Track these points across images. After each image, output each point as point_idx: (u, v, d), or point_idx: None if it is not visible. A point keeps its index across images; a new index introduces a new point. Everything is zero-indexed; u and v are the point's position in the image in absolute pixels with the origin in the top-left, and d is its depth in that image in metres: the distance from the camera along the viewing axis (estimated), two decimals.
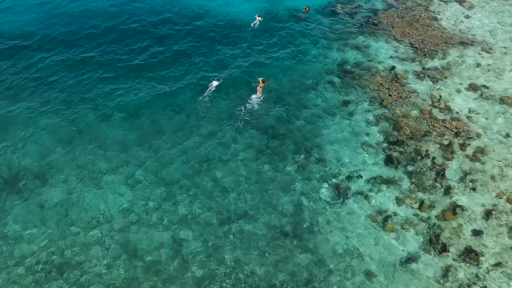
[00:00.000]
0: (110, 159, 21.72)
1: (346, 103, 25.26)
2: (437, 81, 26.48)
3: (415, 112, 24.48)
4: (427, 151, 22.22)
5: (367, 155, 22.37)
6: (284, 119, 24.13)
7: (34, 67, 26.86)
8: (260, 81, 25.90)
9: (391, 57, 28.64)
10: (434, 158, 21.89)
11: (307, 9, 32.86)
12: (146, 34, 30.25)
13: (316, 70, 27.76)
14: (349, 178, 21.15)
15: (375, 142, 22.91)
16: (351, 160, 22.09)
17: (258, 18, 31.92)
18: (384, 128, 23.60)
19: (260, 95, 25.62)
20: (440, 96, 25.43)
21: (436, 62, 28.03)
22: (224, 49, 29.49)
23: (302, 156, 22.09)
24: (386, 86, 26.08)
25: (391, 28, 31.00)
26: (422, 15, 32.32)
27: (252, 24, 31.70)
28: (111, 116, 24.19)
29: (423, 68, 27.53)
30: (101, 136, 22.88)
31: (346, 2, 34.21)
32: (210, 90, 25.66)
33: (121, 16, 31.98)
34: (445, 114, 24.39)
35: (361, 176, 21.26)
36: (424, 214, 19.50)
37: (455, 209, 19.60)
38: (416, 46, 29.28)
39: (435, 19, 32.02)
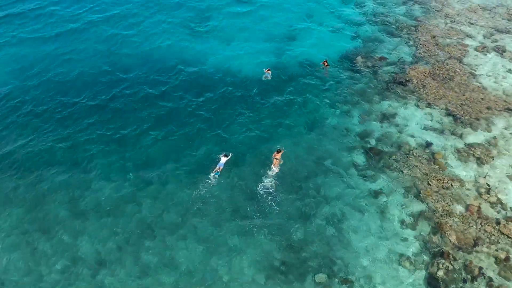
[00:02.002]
0: (82, 277, 17.96)
1: (374, 193, 21.43)
2: (483, 163, 22.60)
3: (460, 209, 20.54)
4: (480, 268, 18.22)
5: (404, 271, 18.49)
6: (301, 218, 20.39)
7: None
8: (277, 153, 22.87)
9: (424, 128, 24.80)
10: (490, 279, 17.85)
11: (326, 64, 28.93)
12: (140, 103, 26.70)
13: (336, 146, 23.97)
14: None
15: (414, 253, 19.01)
16: (384, 280, 18.19)
17: (267, 72, 28.31)
18: (423, 232, 19.72)
19: (276, 169, 22.40)
20: (489, 185, 21.47)
21: (479, 136, 24.16)
22: (231, 115, 25.94)
23: (324, 275, 18.19)
24: (423, 171, 22.21)
25: (422, 89, 27.21)
26: (457, 70, 28.53)
27: (263, 77, 28.10)
28: (86, 214, 20.45)
29: (465, 144, 23.67)
30: (72, 242, 19.18)
31: (368, 53, 30.45)
32: (218, 169, 22.03)
33: (114, 76, 28.43)
34: (497, 212, 20.44)
35: None
36: None
37: None
38: (454, 113, 25.45)
39: (473, 75, 28.21)
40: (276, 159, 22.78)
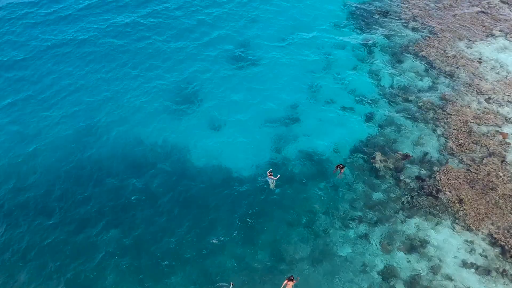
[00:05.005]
0: None
1: None
2: None
3: None
4: None
5: None
6: None
7: None
8: (288, 282, 19.19)
9: (464, 265, 20.28)
10: None
11: (340, 168, 24.16)
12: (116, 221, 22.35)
13: None
14: None
15: None
16: None
17: (270, 176, 23.67)
18: None
19: None
20: None
21: None
22: (214, 245, 21.45)
23: None
24: None
25: (457, 204, 22.67)
26: (500, 173, 24.08)
27: (265, 180, 23.64)
28: None
29: None
30: None
31: (387, 145, 26.04)
32: None
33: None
34: None
35: None
36: None
37: None
38: (501, 242, 20.94)
39: None
40: None
